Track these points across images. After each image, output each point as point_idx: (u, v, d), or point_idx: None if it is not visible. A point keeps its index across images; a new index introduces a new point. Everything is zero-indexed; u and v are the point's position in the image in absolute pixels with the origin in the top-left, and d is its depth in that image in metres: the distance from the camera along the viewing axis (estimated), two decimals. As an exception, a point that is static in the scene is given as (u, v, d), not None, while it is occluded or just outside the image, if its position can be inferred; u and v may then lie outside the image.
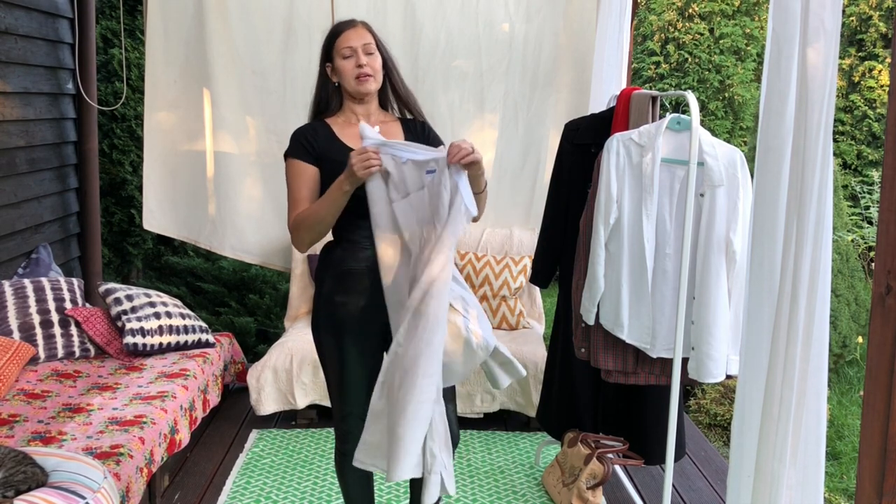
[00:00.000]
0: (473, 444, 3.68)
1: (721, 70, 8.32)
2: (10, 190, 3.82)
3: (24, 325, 3.40)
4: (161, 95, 4.31)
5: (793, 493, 1.81)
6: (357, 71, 2.26)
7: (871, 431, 1.59)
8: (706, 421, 4.26)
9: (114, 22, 5.19)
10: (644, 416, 3.17)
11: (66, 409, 2.91)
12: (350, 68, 2.27)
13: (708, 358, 2.69)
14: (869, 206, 7.27)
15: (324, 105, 2.37)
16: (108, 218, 5.29)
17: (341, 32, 2.30)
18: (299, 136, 2.32)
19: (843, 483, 3.82)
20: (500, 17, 4.32)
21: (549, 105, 4.42)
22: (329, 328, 2.30)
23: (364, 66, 2.26)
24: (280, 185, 4.43)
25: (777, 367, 1.78)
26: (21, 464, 2.08)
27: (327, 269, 2.32)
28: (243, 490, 3.23)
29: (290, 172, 2.29)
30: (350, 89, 2.30)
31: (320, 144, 2.28)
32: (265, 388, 3.73)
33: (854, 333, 5.24)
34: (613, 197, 2.75)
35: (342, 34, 2.29)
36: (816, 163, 1.70)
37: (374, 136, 2.12)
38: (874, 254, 2.89)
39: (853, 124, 8.18)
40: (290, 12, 4.27)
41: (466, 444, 3.69)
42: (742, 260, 2.70)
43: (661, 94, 2.99)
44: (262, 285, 5.43)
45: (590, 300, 2.83)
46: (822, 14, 1.67)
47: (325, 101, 2.37)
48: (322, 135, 2.30)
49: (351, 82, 2.29)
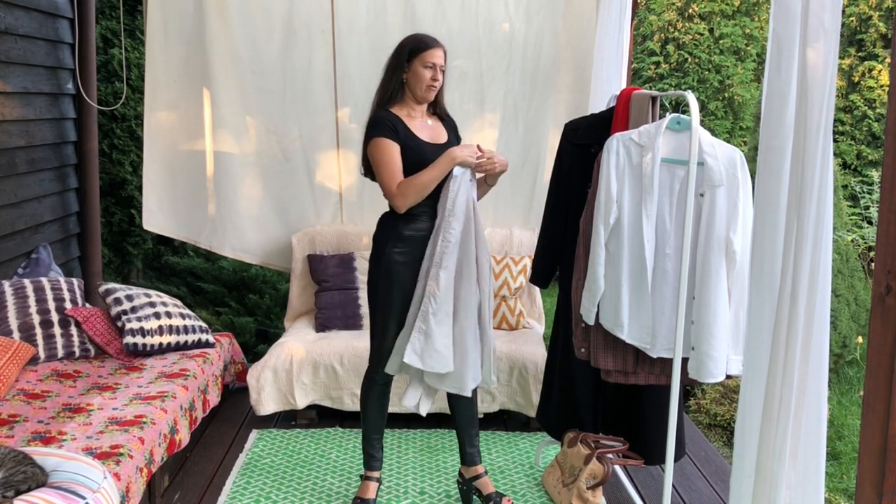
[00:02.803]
0: (473, 444, 3.68)
1: (721, 70, 8.32)
2: (10, 190, 3.83)
3: (24, 325, 3.40)
4: (161, 95, 4.31)
5: (793, 493, 1.82)
6: (431, 82, 2.87)
7: (871, 431, 1.59)
8: (706, 421, 4.26)
9: (114, 22, 5.19)
10: (644, 416, 3.17)
11: (66, 409, 2.91)
12: (427, 78, 2.86)
13: (708, 358, 2.69)
14: (869, 206, 7.27)
15: (389, 94, 2.88)
16: (108, 218, 5.30)
17: (431, 48, 2.86)
18: (385, 120, 2.83)
19: (843, 483, 3.82)
20: (500, 17, 4.32)
21: (549, 105, 4.42)
22: (386, 279, 2.87)
23: (436, 81, 2.88)
24: (279, 185, 4.49)
25: (777, 367, 1.78)
26: (21, 464, 2.08)
27: (389, 232, 2.88)
28: (243, 490, 3.23)
29: (381, 148, 2.81)
30: (417, 93, 2.88)
31: (400, 131, 2.83)
32: (265, 388, 3.73)
33: (854, 333, 5.24)
34: (613, 197, 2.75)
35: (432, 49, 2.86)
36: (816, 163, 1.70)
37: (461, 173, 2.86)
38: (874, 254, 2.89)
39: (853, 124, 8.18)
40: (290, 12, 4.27)
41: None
42: (742, 260, 2.70)
43: (661, 94, 2.98)
44: (262, 285, 5.43)
45: (590, 300, 2.83)
46: (822, 14, 1.68)
47: (392, 92, 2.88)
48: (400, 125, 2.84)
49: (422, 88, 2.87)
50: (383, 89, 2.90)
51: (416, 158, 2.82)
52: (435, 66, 2.85)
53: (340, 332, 4.06)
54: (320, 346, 3.83)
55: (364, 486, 3.09)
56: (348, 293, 4.19)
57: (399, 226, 2.87)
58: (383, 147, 2.81)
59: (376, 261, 2.91)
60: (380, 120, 2.83)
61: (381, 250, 2.89)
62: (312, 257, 4.33)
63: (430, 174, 2.79)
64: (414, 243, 2.87)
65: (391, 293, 2.88)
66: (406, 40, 2.89)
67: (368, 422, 3.07)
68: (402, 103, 2.90)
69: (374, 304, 2.94)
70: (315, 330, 4.10)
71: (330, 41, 4.32)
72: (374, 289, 2.92)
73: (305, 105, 4.40)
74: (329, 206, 4.56)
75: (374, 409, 3.06)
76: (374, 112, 2.88)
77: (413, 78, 2.86)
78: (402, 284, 2.87)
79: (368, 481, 3.09)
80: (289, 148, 4.45)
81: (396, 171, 2.80)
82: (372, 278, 2.93)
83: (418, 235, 2.86)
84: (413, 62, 2.85)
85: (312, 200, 4.54)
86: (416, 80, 2.85)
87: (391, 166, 2.80)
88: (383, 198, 2.83)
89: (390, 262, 2.87)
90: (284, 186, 4.50)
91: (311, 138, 4.45)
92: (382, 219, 2.96)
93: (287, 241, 4.52)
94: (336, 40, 4.32)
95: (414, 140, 2.84)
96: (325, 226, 4.48)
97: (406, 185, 2.79)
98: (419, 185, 2.79)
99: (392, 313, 2.89)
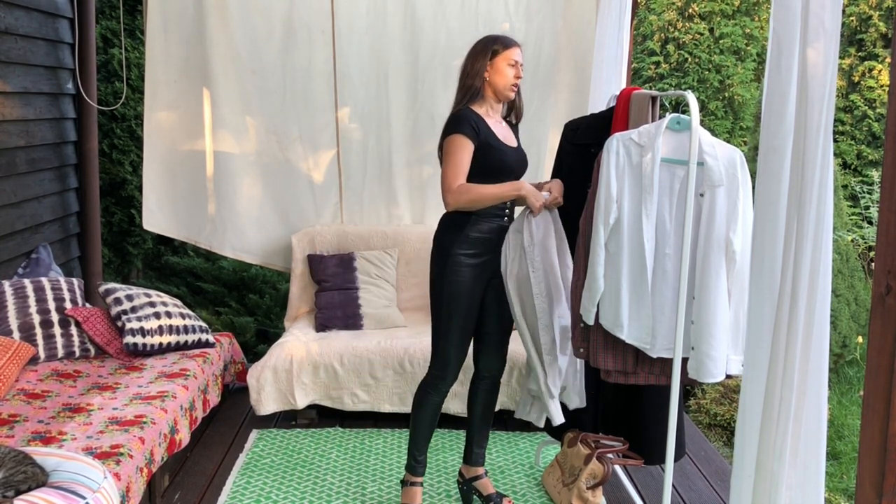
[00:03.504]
0: (473, 444, 3.68)
1: (721, 70, 8.32)
2: (10, 190, 3.83)
3: (24, 325, 3.41)
4: (161, 95, 4.31)
5: (793, 493, 1.82)
6: (514, 80, 2.88)
7: (871, 431, 1.59)
8: (706, 421, 4.26)
9: (114, 22, 5.19)
10: (644, 416, 3.17)
11: (66, 409, 2.91)
12: (510, 76, 2.87)
13: (708, 358, 2.69)
14: (869, 206, 7.27)
15: (472, 92, 2.89)
16: (108, 218, 5.30)
17: (513, 46, 2.88)
18: (469, 119, 2.83)
19: (843, 483, 3.82)
20: (500, 17, 4.32)
21: (549, 105, 4.42)
22: (453, 282, 2.86)
23: (519, 79, 2.90)
24: (279, 185, 4.49)
25: (777, 367, 1.78)
26: (21, 464, 2.08)
27: (455, 234, 2.88)
28: (243, 490, 3.23)
29: (456, 145, 2.81)
30: (500, 91, 2.89)
31: (482, 131, 2.85)
32: (265, 388, 3.73)
33: (854, 333, 5.24)
34: (613, 197, 2.75)
35: (514, 48, 2.88)
36: (816, 163, 1.70)
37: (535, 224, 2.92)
38: (874, 254, 2.89)
39: (853, 124, 8.17)
40: (290, 12, 4.27)
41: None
42: (742, 260, 2.70)
43: (661, 94, 2.98)
44: (262, 285, 5.43)
45: (589, 300, 2.83)
46: (822, 14, 1.68)
47: (475, 88, 2.89)
48: (482, 125, 2.86)
49: (506, 86, 2.88)
50: (465, 87, 2.90)
51: (498, 157, 2.84)
52: (517, 64, 2.87)
53: (340, 332, 4.06)
54: (320, 346, 3.83)
55: (412, 493, 3.05)
56: (348, 293, 4.19)
57: (466, 227, 2.87)
58: (460, 144, 2.81)
59: (442, 262, 2.88)
60: (464, 117, 2.83)
61: (447, 251, 2.87)
62: (312, 257, 4.33)
63: (492, 191, 2.81)
64: (480, 245, 2.88)
65: (459, 297, 2.86)
66: (488, 39, 2.91)
67: (421, 429, 3.01)
68: (482, 101, 2.91)
69: (440, 308, 2.90)
70: (315, 330, 4.10)
71: (330, 41, 4.33)
72: (440, 292, 2.89)
73: (305, 105, 4.40)
74: (329, 206, 4.56)
75: (430, 417, 3.00)
76: (457, 109, 2.89)
77: (497, 76, 2.86)
78: (470, 288, 2.87)
79: (414, 487, 3.05)
80: (289, 148, 4.45)
81: (462, 170, 2.82)
82: (437, 281, 2.90)
83: (483, 237, 2.88)
84: (496, 60, 2.86)
85: (312, 200, 4.54)
86: (499, 78, 2.86)
87: (460, 166, 2.81)
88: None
89: (457, 263, 2.86)
90: (284, 186, 4.50)
91: (311, 138, 4.45)
92: (445, 219, 2.94)
93: (287, 241, 4.52)
94: (336, 40, 4.32)
95: (495, 139, 2.86)
96: (325, 226, 4.48)
97: (465, 190, 2.80)
98: (477, 195, 2.81)
99: (456, 318, 2.87)
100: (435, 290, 2.91)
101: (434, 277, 2.92)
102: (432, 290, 2.92)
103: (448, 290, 2.86)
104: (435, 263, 2.91)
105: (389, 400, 3.81)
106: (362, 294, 4.19)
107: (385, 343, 3.84)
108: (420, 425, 3.01)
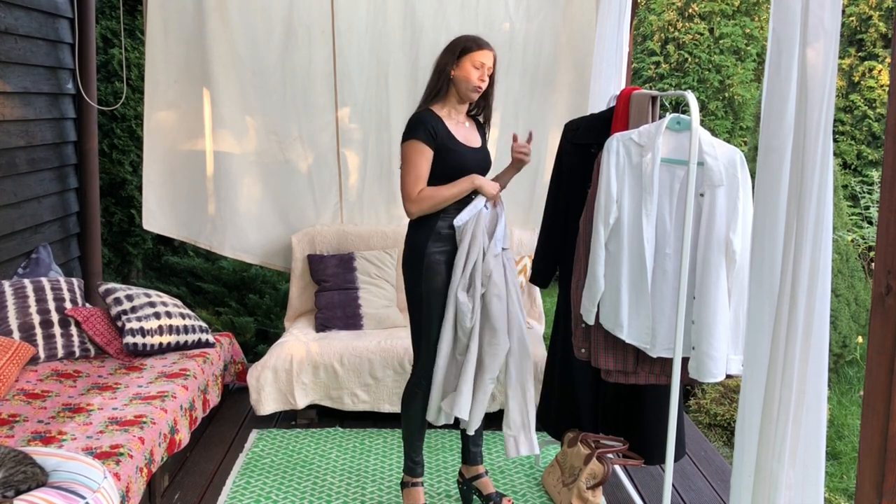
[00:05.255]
0: (473, 444, 3.68)
1: (721, 70, 8.32)
2: (10, 190, 3.83)
3: (24, 325, 3.41)
4: (161, 95, 4.31)
5: (793, 493, 1.81)
6: (477, 82, 2.86)
7: (871, 431, 1.59)
8: (706, 421, 4.26)
9: (114, 22, 5.19)
10: (644, 416, 3.17)
11: (66, 409, 2.91)
12: (474, 78, 2.85)
13: (708, 357, 2.69)
14: (869, 206, 7.27)
15: (436, 90, 2.89)
16: (108, 218, 5.29)
17: (482, 48, 2.86)
18: (426, 123, 2.83)
19: (843, 483, 3.82)
20: (501, 17, 4.32)
21: (549, 105, 4.42)
22: (430, 279, 2.87)
23: (482, 82, 2.87)
24: (279, 185, 4.49)
25: (777, 367, 1.78)
26: (21, 464, 2.08)
27: (428, 231, 2.89)
28: (243, 490, 3.23)
29: (414, 151, 2.83)
30: (462, 91, 2.88)
31: (440, 134, 2.84)
32: (265, 388, 3.73)
33: (854, 333, 5.24)
34: (613, 197, 2.75)
35: (482, 50, 2.86)
36: (816, 163, 1.70)
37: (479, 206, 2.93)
38: (874, 254, 2.89)
39: (853, 124, 8.17)
40: (290, 12, 4.27)
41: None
42: (742, 260, 2.70)
43: (661, 94, 2.98)
44: (262, 285, 5.43)
45: (590, 300, 2.83)
46: (822, 14, 1.68)
47: (438, 88, 2.89)
48: (440, 127, 2.85)
49: (469, 87, 2.86)
50: (430, 84, 2.91)
51: (457, 160, 2.86)
52: (483, 67, 2.86)
53: (340, 332, 4.06)
54: (320, 346, 3.84)
55: (414, 494, 3.07)
56: (348, 293, 4.19)
57: (436, 225, 2.89)
58: (417, 150, 2.83)
59: (419, 263, 2.89)
60: (422, 122, 2.83)
61: (422, 252, 2.88)
62: (312, 257, 4.33)
63: (450, 192, 2.84)
64: (450, 240, 2.90)
65: (435, 293, 2.87)
66: (459, 38, 2.90)
67: (414, 430, 3.04)
68: (445, 101, 2.90)
69: (419, 308, 2.91)
70: (315, 330, 4.10)
71: (330, 41, 4.32)
72: (419, 291, 2.90)
73: (305, 105, 4.40)
74: (329, 206, 4.57)
75: (420, 418, 3.01)
76: (419, 110, 2.90)
77: (460, 75, 2.85)
78: (446, 283, 2.87)
79: (416, 487, 3.07)
80: (289, 148, 4.45)
81: (421, 177, 2.84)
82: (414, 282, 2.91)
83: (452, 232, 2.90)
84: (463, 59, 2.85)
85: (312, 200, 4.54)
86: (463, 78, 2.85)
87: (417, 171, 2.83)
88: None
89: (433, 262, 2.87)
90: (284, 186, 4.50)
91: (311, 138, 4.45)
92: (414, 222, 2.95)
93: (287, 241, 4.52)
94: (336, 40, 4.32)
95: (453, 141, 2.86)
96: (325, 226, 4.48)
97: (425, 196, 2.83)
98: (437, 199, 2.84)
99: (436, 316, 2.88)
100: (412, 292, 2.92)
101: (410, 280, 2.93)
102: (409, 293, 2.93)
103: (426, 288, 2.87)
104: (411, 266, 2.92)
105: (389, 400, 3.81)
106: (362, 294, 4.19)
107: (385, 343, 3.85)
108: (412, 426, 3.03)
